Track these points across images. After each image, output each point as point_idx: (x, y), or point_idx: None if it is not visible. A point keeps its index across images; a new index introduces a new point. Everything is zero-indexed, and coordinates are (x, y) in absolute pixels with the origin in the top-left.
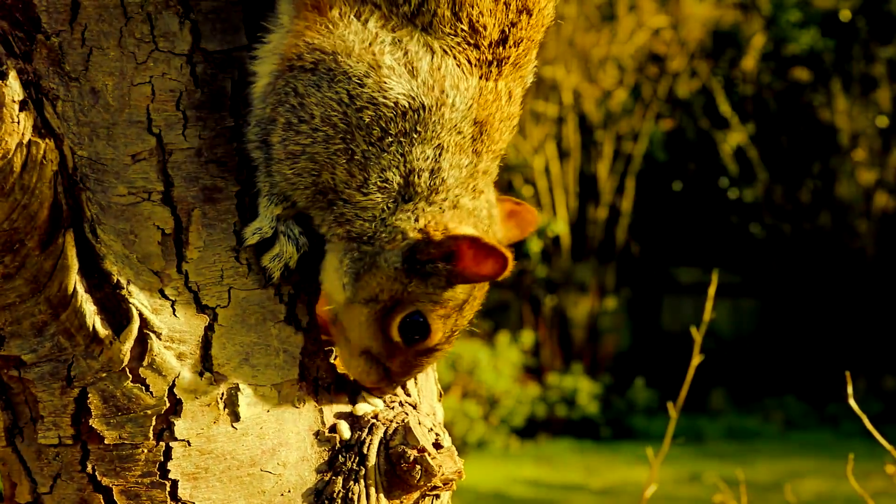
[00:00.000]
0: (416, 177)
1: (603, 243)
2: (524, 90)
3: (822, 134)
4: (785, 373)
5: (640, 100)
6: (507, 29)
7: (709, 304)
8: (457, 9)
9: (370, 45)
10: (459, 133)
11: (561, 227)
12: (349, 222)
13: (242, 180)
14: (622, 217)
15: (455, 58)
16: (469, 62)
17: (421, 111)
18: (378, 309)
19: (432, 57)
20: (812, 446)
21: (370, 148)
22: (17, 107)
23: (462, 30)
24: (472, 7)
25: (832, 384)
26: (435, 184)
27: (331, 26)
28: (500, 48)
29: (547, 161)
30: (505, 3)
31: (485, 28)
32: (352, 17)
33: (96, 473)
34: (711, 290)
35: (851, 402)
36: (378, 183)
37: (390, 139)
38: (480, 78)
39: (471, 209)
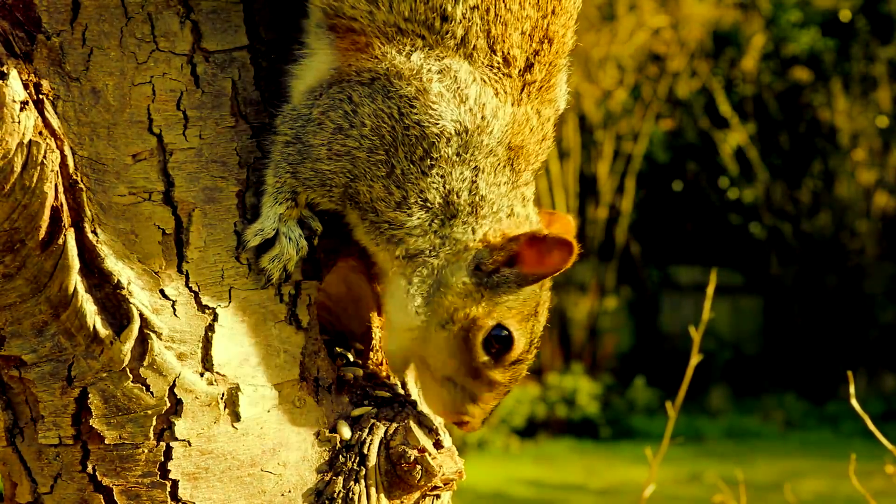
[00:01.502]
0: (456, 196)
1: (603, 243)
2: (557, 112)
3: (822, 134)
4: (785, 372)
5: (640, 100)
6: (531, 57)
7: (707, 304)
8: (491, 42)
9: (417, 72)
10: (495, 156)
11: None
12: (402, 242)
13: (242, 180)
14: (622, 217)
15: (493, 87)
16: (504, 91)
17: (465, 135)
18: (456, 330)
19: (474, 83)
20: (812, 446)
21: (411, 166)
22: (17, 107)
23: (497, 61)
24: (504, 41)
25: (832, 384)
26: (475, 201)
27: (375, 54)
28: (528, 74)
29: (547, 161)
30: (530, 35)
31: (515, 59)
32: (392, 49)
33: (97, 473)
34: (710, 290)
35: (854, 402)
36: (419, 202)
37: (431, 161)
38: (512, 105)
39: (525, 215)
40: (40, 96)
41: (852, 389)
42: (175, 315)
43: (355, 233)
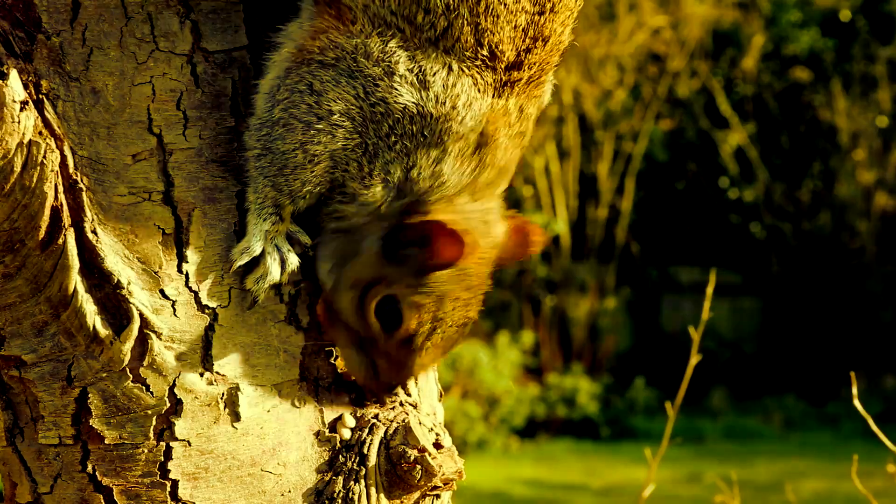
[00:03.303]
0: (417, 173)
1: (603, 243)
2: (539, 109)
3: (822, 134)
4: (785, 373)
5: (640, 100)
6: (522, 54)
7: (707, 304)
8: (479, 36)
9: (388, 55)
10: (465, 142)
11: (561, 227)
12: (346, 219)
13: (243, 180)
14: (622, 217)
15: (472, 77)
16: (485, 81)
17: (428, 118)
18: (358, 293)
19: (448, 74)
20: (812, 446)
21: (379, 142)
22: (17, 107)
23: (482, 55)
24: (494, 35)
25: (832, 384)
26: (433, 185)
27: (354, 31)
28: (515, 71)
29: (547, 161)
30: (523, 30)
31: (503, 53)
32: (374, 34)
33: (97, 473)
34: (710, 290)
35: (856, 402)
36: (381, 175)
37: (395, 138)
38: (494, 96)
39: (460, 209)
40: (40, 96)
41: (855, 390)
42: (175, 315)
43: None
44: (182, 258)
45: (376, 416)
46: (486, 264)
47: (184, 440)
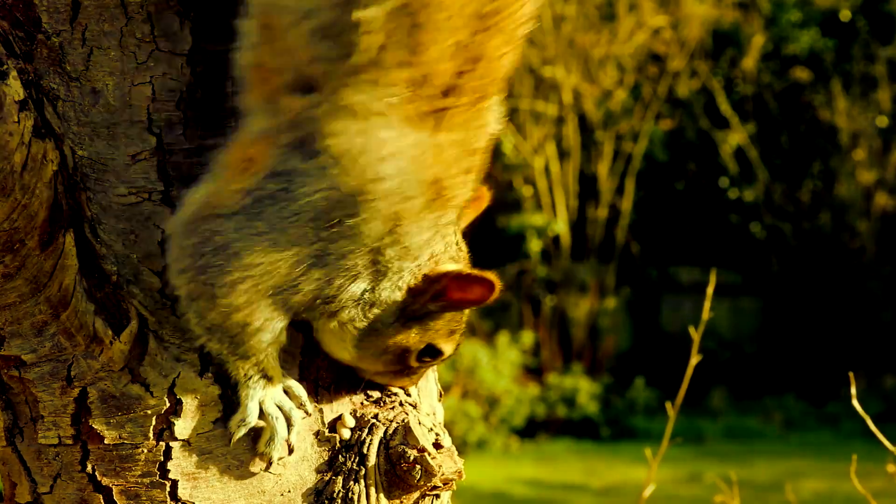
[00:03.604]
0: (380, 254)
1: (603, 243)
2: (489, 138)
3: (822, 134)
4: (785, 373)
5: (640, 100)
6: (457, 76)
7: (707, 304)
8: (410, 55)
9: (286, 168)
10: (409, 199)
11: (561, 227)
12: (336, 314)
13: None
14: (622, 217)
15: (385, 116)
16: (406, 118)
17: (344, 200)
18: (390, 357)
19: (359, 125)
20: (812, 446)
21: (319, 244)
22: (17, 107)
23: (411, 78)
24: (424, 54)
25: (832, 384)
26: (401, 254)
27: (256, 167)
28: (451, 97)
29: (547, 161)
30: (457, 50)
31: (435, 75)
32: (276, 149)
33: (96, 473)
34: (710, 290)
35: (855, 402)
36: (342, 274)
37: (326, 234)
38: (430, 131)
39: (442, 250)
40: (40, 96)
41: (853, 390)
42: (175, 315)
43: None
44: None
45: (376, 416)
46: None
47: (183, 440)
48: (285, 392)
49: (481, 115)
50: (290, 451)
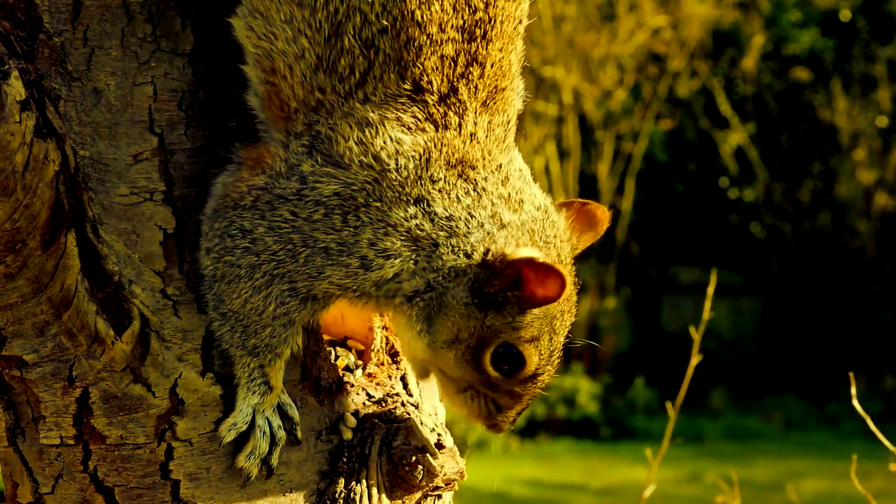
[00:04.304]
0: (418, 230)
1: (603, 243)
2: (514, 114)
3: (822, 134)
4: (785, 373)
5: (640, 100)
6: (457, 80)
7: (707, 304)
8: (402, 70)
9: (298, 160)
10: (436, 181)
11: None
12: (396, 293)
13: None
14: (622, 217)
15: (399, 119)
16: (416, 118)
17: (367, 188)
18: (463, 349)
19: (363, 132)
20: (812, 446)
21: (343, 234)
22: (19, 107)
23: (406, 90)
24: (417, 67)
25: (832, 384)
26: (444, 225)
27: (269, 164)
28: (453, 97)
29: (547, 161)
30: (453, 60)
31: (431, 84)
32: (290, 147)
33: (98, 473)
34: (710, 290)
35: (855, 403)
36: (381, 255)
37: (356, 221)
38: (433, 130)
39: (520, 224)
40: (42, 96)
41: (854, 390)
42: (176, 315)
43: (349, 304)
44: (183, 258)
45: (378, 417)
46: (572, 268)
47: (185, 440)
48: (280, 409)
49: (499, 104)
50: (269, 473)
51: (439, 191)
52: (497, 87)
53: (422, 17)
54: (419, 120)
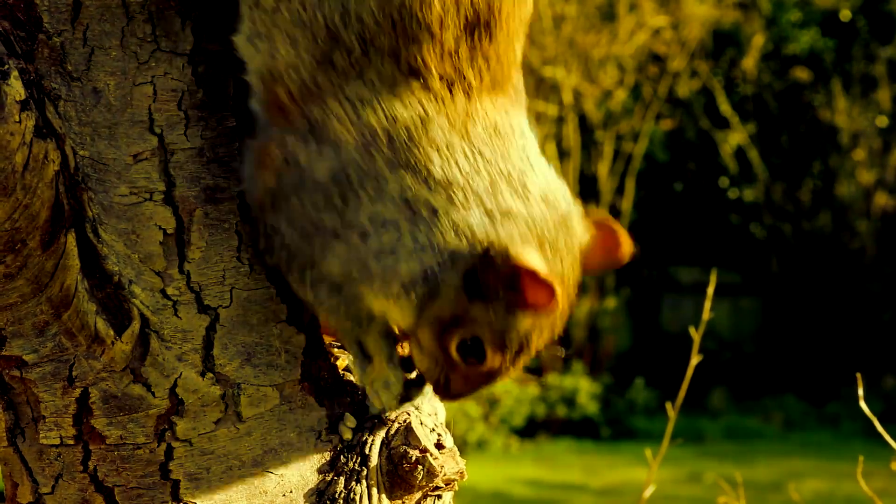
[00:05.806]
0: (414, 196)
1: None
2: (512, 103)
3: (822, 134)
4: (785, 373)
5: (640, 100)
6: (461, 64)
7: (707, 304)
8: (400, 57)
9: (323, 127)
10: (435, 148)
11: None
12: (392, 278)
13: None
14: (622, 217)
15: (395, 94)
16: (414, 93)
17: (353, 165)
18: (439, 328)
19: (356, 109)
20: (812, 446)
21: (344, 212)
22: (19, 107)
23: (403, 70)
24: (418, 56)
25: (832, 384)
26: (443, 188)
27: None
28: (458, 81)
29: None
30: (455, 51)
31: (430, 72)
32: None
33: (98, 474)
34: (710, 290)
35: (862, 404)
36: (375, 225)
37: (352, 197)
38: (438, 107)
39: (526, 216)
40: (41, 96)
41: (861, 391)
42: (176, 315)
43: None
44: (183, 258)
45: (378, 417)
46: (574, 286)
47: (185, 440)
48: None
49: (506, 86)
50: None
51: (437, 157)
52: (503, 71)
53: (422, 15)
54: (419, 97)
